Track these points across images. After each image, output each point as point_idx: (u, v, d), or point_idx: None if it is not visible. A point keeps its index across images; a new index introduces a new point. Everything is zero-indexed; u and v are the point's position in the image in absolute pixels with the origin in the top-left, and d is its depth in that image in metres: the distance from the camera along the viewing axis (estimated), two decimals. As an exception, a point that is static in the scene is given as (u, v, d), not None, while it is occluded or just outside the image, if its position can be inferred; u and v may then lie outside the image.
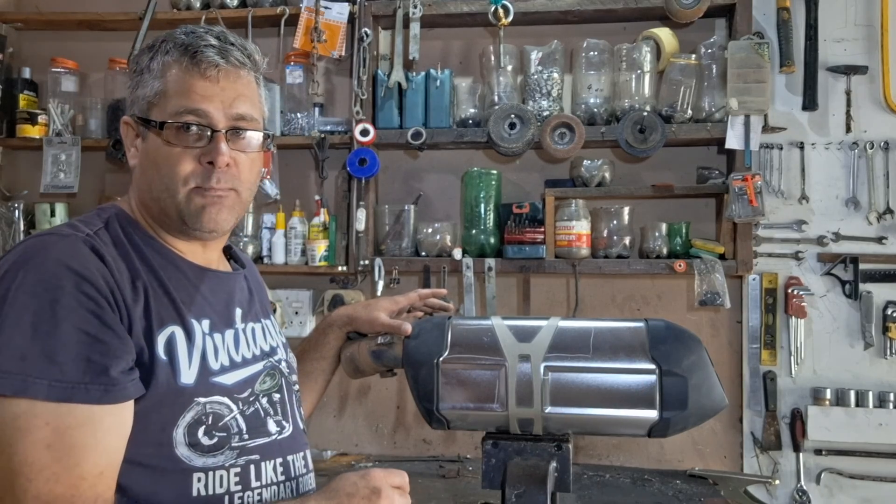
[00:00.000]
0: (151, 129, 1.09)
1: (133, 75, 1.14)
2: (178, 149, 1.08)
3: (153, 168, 1.10)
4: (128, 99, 1.16)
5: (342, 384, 2.63)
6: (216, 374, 1.10)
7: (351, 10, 2.55)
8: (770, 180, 2.43)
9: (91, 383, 0.94)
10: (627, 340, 1.29)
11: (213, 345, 1.11)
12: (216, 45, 1.10)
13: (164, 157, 1.09)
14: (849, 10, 2.44)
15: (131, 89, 1.14)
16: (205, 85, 1.09)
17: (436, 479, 2.26)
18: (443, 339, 1.33)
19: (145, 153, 1.11)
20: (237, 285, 1.23)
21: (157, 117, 1.09)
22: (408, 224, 2.54)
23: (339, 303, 2.58)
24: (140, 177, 1.13)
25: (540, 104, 2.44)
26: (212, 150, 1.09)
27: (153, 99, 1.10)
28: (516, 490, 1.26)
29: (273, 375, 1.20)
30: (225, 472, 1.08)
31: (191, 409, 1.05)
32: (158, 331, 1.04)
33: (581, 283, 2.46)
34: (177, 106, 1.08)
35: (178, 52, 1.09)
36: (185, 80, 1.09)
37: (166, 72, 1.09)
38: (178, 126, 1.08)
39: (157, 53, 1.11)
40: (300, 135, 2.58)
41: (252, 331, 1.21)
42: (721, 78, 2.36)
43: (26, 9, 2.86)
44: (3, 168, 2.82)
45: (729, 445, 2.46)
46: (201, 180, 1.09)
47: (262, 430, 1.14)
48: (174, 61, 1.09)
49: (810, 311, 2.40)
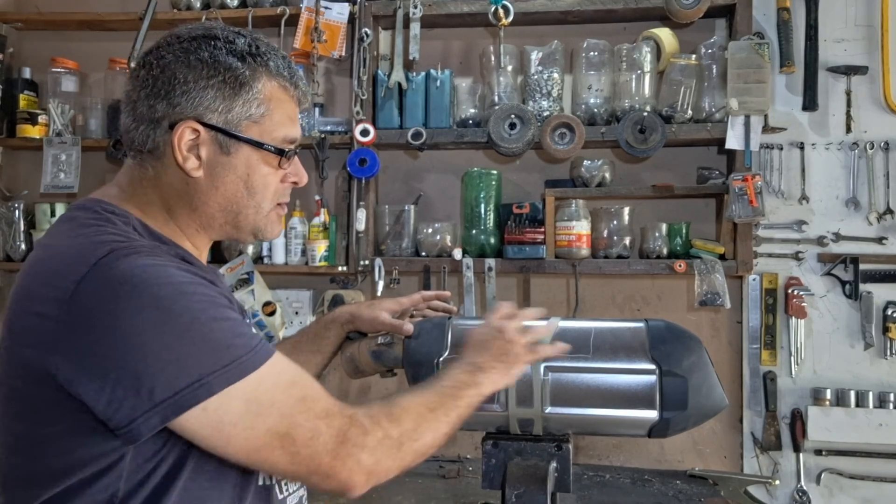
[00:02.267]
0: (252, 147, 1.07)
1: (216, 79, 1.05)
2: (279, 171, 1.11)
3: (241, 184, 1.08)
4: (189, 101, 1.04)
5: (342, 384, 2.63)
6: None
7: (351, 11, 2.55)
8: (770, 180, 2.43)
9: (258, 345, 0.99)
10: (627, 341, 1.29)
11: None
12: (303, 76, 1.15)
13: (262, 178, 1.10)
14: (849, 10, 2.44)
15: (217, 97, 1.05)
16: (297, 112, 1.14)
17: (436, 479, 2.26)
18: (443, 339, 1.33)
19: (231, 168, 1.07)
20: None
21: (258, 137, 1.08)
22: (408, 224, 2.54)
23: (340, 303, 2.58)
24: (209, 189, 1.08)
25: (540, 104, 2.44)
26: (299, 173, 1.15)
27: (256, 118, 1.07)
28: (516, 490, 1.26)
29: None
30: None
31: None
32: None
33: (581, 284, 2.46)
34: (286, 135, 1.10)
35: (283, 77, 1.10)
36: (292, 108, 1.12)
37: (274, 96, 1.09)
38: (289, 153, 1.11)
39: (259, 70, 1.07)
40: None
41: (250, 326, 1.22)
42: (721, 78, 2.36)
43: (26, 9, 2.86)
44: (4, 168, 2.82)
45: (729, 446, 2.45)
46: (282, 197, 1.15)
47: None
48: (281, 88, 1.10)
49: (810, 311, 2.40)
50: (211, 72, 1.04)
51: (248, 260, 2.54)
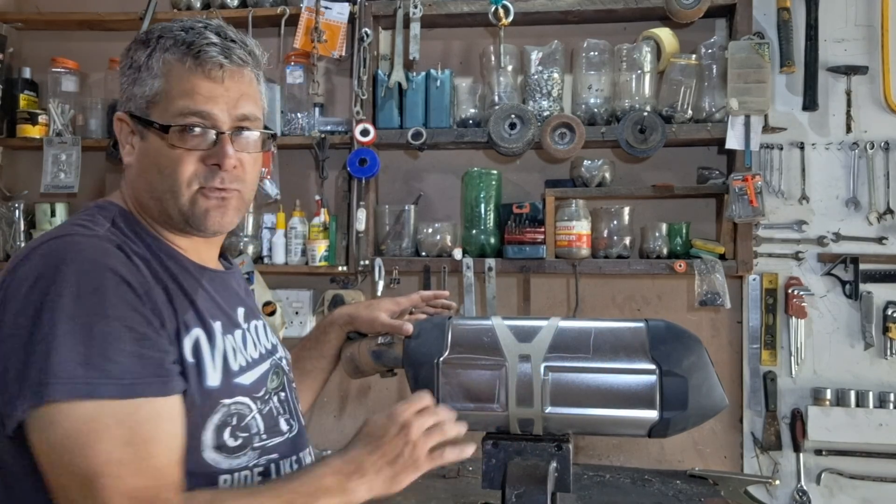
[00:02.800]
0: (152, 129, 1.06)
1: (127, 70, 1.09)
2: (181, 151, 1.05)
3: (154, 169, 1.07)
4: (121, 94, 1.10)
5: (342, 384, 2.63)
6: (237, 374, 1.09)
7: (351, 10, 2.55)
8: (770, 180, 2.43)
9: (151, 377, 0.95)
10: (628, 341, 1.29)
11: (233, 346, 1.10)
12: (218, 43, 1.06)
13: (167, 159, 1.05)
14: (849, 10, 2.44)
15: (126, 85, 1.09)
16: (209, 86, 1.06)
17: (436, 478, 2.26)
18: (443, 339, 1.33)
19: (144, 153, 1.08)
20: (235, 283, 1.22)
21: (158, 118, 1.05)
22: (408, 224, 2.54)
23: (340, 303, 2.57)
24: (137, 176, 1.09)
25: (540, 104, 2.44)
26: (218, 153, 1.06)
27: (153, 98, 1.06)
28: (516, 490, 1.26)
29: (278, 374, 1.20)
30: (249, 473, 1.09)
31: (217, 411, 1.05)
32: (185, 333, 1.03)
33: (581, 284, 2.46)
34: (181, 107, 1.05)
35: (180, 50, 1.05)
36: (189, 80, 1.05)
37: (167, 71, 1.05)
38: (182, 128, 1.05)
39: (156, 50, 1.06)
40: (300, 135, 2.58)
41: (255, 329, 1.20)
42: (721, 78, 2.36)
43: (26, 9, 2.86)
44: (4, 168, 2.82)
45: (729, 445, 2.45)
46: (205, 181, 1.07)
47: (276, 430, 1.15)
48: (176, 60, 1.05)
49: (810, 311, 2.40)
50: (126, 62, 1.10)
51: (249, 260, 2.54)
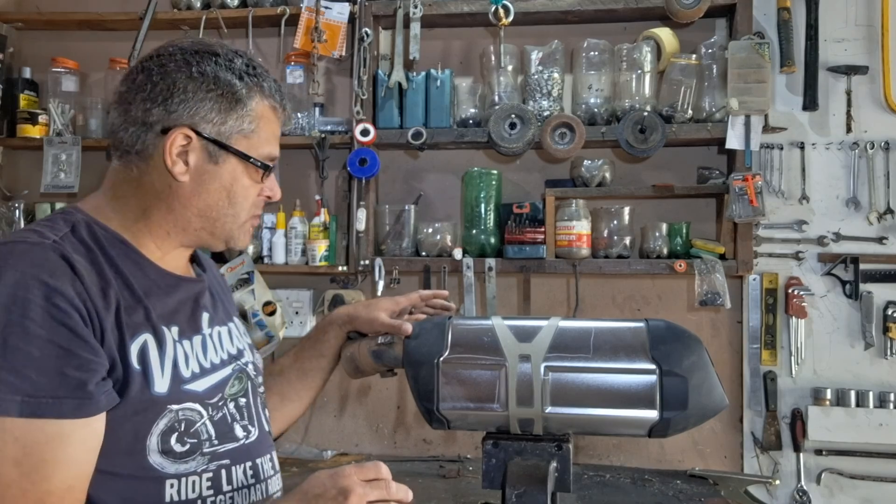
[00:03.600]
0: (242, 160, 1.13)
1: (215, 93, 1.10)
2: (257, 185, 1.17)
3: (223, 194, 1.14)
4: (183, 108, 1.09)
5: (342, 384, 2.63)
6: (188, 381, 1.10)
7: (351, 10, 2.55)
8: (770, 180, 2.43)
9: (66, 397, 0.93)
10: (628, 340, 1.29)
11: (184, 352, 1.11)
12: (287, 101, 1.21)
13: (244, 191, 1.15)
14: (849, 10, 2.44)
15: (213, 109, 1.10)
16: (279, 134, 1.20)
17: (436, 479, 2.26)
18: (443, 338, 1.33)
19: (216, 177, 1.13)
20: (203, 290, 1.23)
21: (246, 151, 1.13)
22: (408, 224, 2.54)
23: (340, 303, 2.57)
24: (191, 195, 1.12)
25: (540, 104, 2.43)
26: (273, 189, 1.21)
27: (248, 134, 1.13)
28: (516, 490, 1.25)
29: (241, 379, 1.21)
30: (197, 478, 1.09)
31: (164, 416, 1.05)
32: (131, 340, 1.03)
33: (581, 283, 2.46)
34: (270, 152, 1.17)
35: (274, 99, 1.16)
36: (276, 128, 1.18)
37: (264, 115, 1.15)
38: (267, 168, 1.17)
39: (254, 90, 1.14)
40: (300, 135, 2.58)
41: (219, 334, 1.21)
42: (721, 78, 2.36)
43: (27, 9, 2.86)
44: (4, 168, 2.82)
45: (729, 445, 2.45)
46: (256, 209, 1.20)
47: (230, 436, 1.15)
48: (270, 108, 1.16)
49: (811, 311, 2.40)
50: (210, 85, 1.10)
51: (249, 259, 2.54)
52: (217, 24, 2.61)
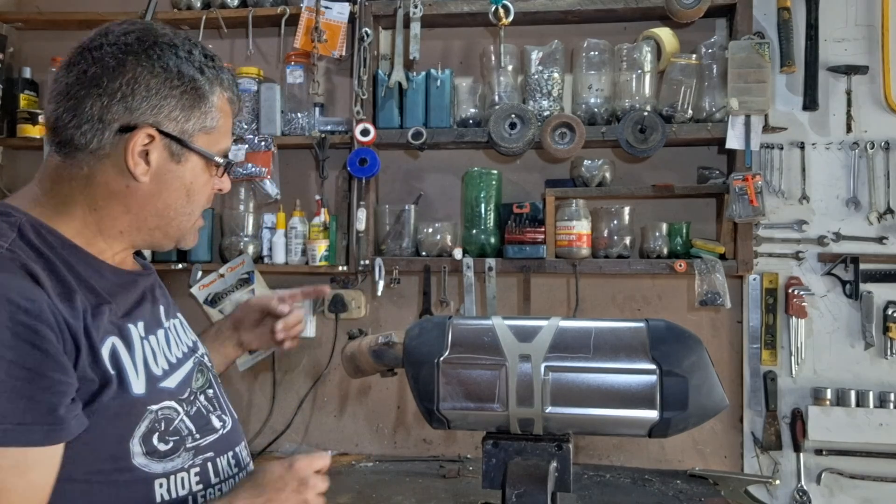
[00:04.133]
0: (200, 157, 1.10)
1: (178, 89, 1.06)
2: (211, 180, 1.14)
3: (182, 192, 1.10)
4: (155, 106, 1.04)
5: (342, 384, 2.63)
6: (161, 379, 1.09)
7: (351, 10, 2.55)
8: (770, 180, 2.43)
9: (34, 423, 0.89)
10: (628, 340, 1.29)
11: (151, 348, 1.09)
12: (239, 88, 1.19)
13: (202, 188, 1.12)
14: (849, 9, 2.44)
15: (177, 106, 1.06)
16: (232, 126, 1.17)
17: (436, 478, 2.26)
18: (443, 338, 1.33)
19: (178, 177, 1.09)
20: (154, 282, 1.21)
21: (206, 148, 1.10)
22: (408, 224, 2.54)
23: (340, 302, 2.58)
24: (150, 194, 1.07)
25: (540, 104, 2.44)
26: (225, 182, 1.18)
27: (209, 130, 1.10)
28: (517, 490, 1.25)
29: (203, 371, 1.21)
30: (186, 474, 1.09)
31: (145, 418, 1.03)
32: (101, 344, 0.99)
33: (581, 283, 2.46)
34: (226, 146, 1.14)
35: (232, 92, 1.14)
36: (231, 122, 1.15)
37: (223, 109, 1.12)
38: (229, 166, 1.15)
39: (216, 84, 1.10)
40: (300, 135, 2.58)
41: (175, 327, 1.20)
42: (721, 78, 2.36)
43: (27, 9, 2.86)
44: (4, 168, 2.82)
45: (729, 445, 2.46)
46: (207, 204, 1.17)
47: (208, 428, 1.15)
48: (229, 101, 1.13)
49: (811, 311, 2.40)
50: (175, 81, 1.05)
51: (249, 259, 2.55)
52: (217, 23, 2.61)
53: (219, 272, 2.53)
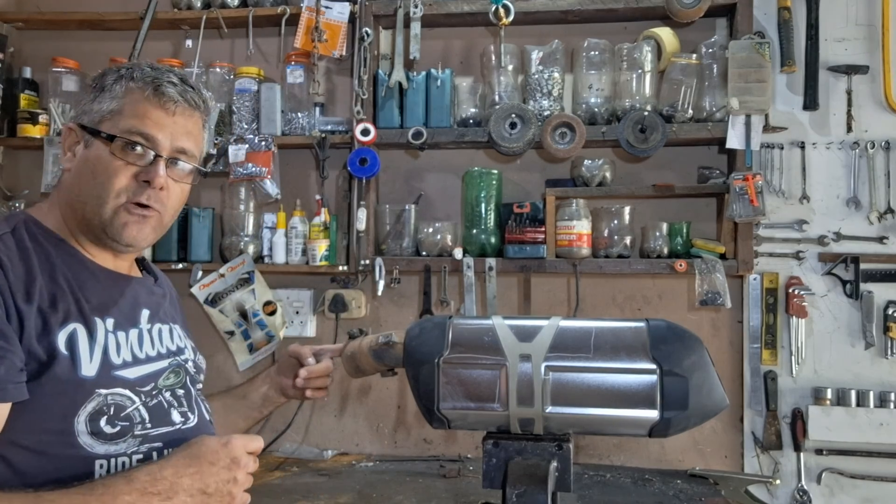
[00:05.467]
0: (99, 138, 1.19)
1: (92, 90, 1.23)
2: (119, 162, 1.18)
3: (89, 175, 1.19)
4: (78, 108, 1.25)
5: (342, 384, 2.63)
6: (118, 368, 1.16)
7: (352, 10, 2.55)
8: (771, 180, 2.43)
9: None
10: (628, 340, 1.29)
11: (116, 342, 1.17)
12: (178, 84, 1.23)
13: (104, 167, 1.18)
14: (850, 9, 2.44)
15: (86, 101, 1.23)
16: (160, 115, 1.21)
17: (436, 478, 2.26)
18: (443, 338, 1.33)
19: (85, 160, 1.20)
20: (145, 289, 1.30)
21: (107, 131, 1.19)
22: (408, 224, 2.54)
23: (340, 302, 2.58)
24: (72, 181, 1.21)
25: (541, 104, 2.44)
26: (150, 171, 1.20)
27: (107, 115, 1.20)
28: (517, 490, 1.26)
29: (178, 373, 1.28)
30: (127, 459, 1.14)
31: (92, 399, 1.11)
32: (60, 328, 1.10)
33: (582, 283, 2.46)
34: (129, 126, 1.19)
35: (144, 81, 1.21)
36: (144, 106, 1.21)
37: (127, 95, 1.21)
38: (126, 142, 1.18)
39: (122, 78, 1.22)
40: (301, 134, 2.58)
41: (159, 331, 1.28)
42: (722, 77, 2.36)
43: (27, 8, 2.86)
44: (4, 168, 2.82)
45: (730, 445, 2.46)
46: (133, 195, 1.19)
47: (165, 420, 1.21)
48: (137, 88, 1.21)
49: (811, 310, 2.40)
50: (92, 83, 1.24)
51: (249, 259, 2.55)
52: (217, 23, 2.61)
53: (219, 272, 2.53)
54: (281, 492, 2.09)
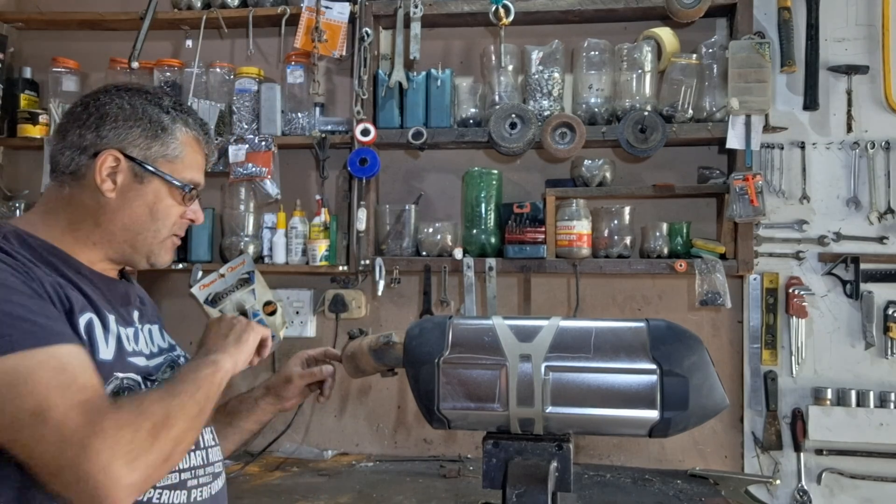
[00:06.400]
0: (166, 182, 1.26)
1: (142, 122, 1.24)
2: (181, 208, 1.29)
3: (146, 210, 1.26)
4: (121, 134, 1.23)
5: (342, 384, 2.63)
6: (131, 354, 1.22)
7: (352, 10, 2.55)
8: (771, 180, 2.43)
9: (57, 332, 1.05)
10: (628, 340, 1.29)
11: (125, 334, 1.23)
12: (211, 134, 1.36)
13: (165, 207, 1.27)
14: (850, 9, 2.44)
15: (140, 136, 1.24)
16: (203, 163, 1.34)
17: (436, 478, 2.26)
18: (443, 338, 1.33)
19: (140, 196, 1.25)
20: (131, 291, 1.35)
21: (169, 173, 1.26)
22: (408, 224, 2.54)
23: (340, 302, 2.58)
24: (118, 211, 1.24)
25: (541, 104, 2.44)
26: (197, 213, 1.34)
27: (171, 159, 1.26)
28: (517, 490, 1.25)
29: (173, 367, 1.32)
30: None
31: (111, 381, 1.15)
32: (79, 315, 1.14)
33: (582, 283, 2.46)
34: (192, 178, 1.30)
35: (198, 132, 1.31)
36: (199, 159, 1.32)
37: (186, 145, 1.29)
38: (192, 192, 1.30)
39: (178, 122, 1.28)
40: (301, 134, 2.58)
41: (149, 331, 1.33)
42: (722, 78, 2.36)
43: (27, 8, 2.86)
44: (4, 168, 2.82)
45: (730, 445, 2.45)
46: (179, 230, 1.33)
47: None
48: (195, 139, 1.30)
49: (811, 310, 2.40)
50: (139, 114, 1.25)
51: (249, 259, 2.55)
52: (217, 23, 2.61)
53: (219, 272, 2.53)
54: (281, 492, 2.09)
